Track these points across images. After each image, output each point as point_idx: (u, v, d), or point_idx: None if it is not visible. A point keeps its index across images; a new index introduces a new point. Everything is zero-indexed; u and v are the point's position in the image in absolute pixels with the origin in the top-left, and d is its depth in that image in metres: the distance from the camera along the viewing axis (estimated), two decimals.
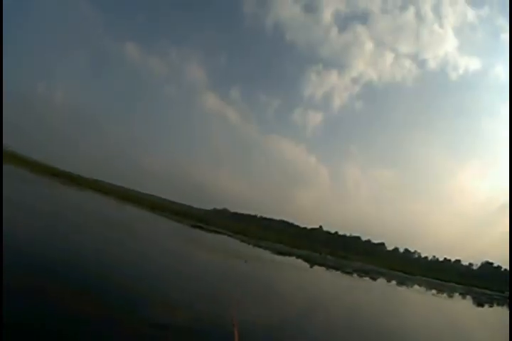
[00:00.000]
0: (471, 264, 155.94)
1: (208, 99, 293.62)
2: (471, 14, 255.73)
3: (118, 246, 20.40)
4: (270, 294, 19.17)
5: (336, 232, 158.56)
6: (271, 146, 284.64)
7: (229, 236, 56.51)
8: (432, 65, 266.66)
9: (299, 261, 50.07)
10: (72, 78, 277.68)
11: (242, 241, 55.67)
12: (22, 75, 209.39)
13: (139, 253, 19.73)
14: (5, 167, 34.31)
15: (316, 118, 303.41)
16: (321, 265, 51.16)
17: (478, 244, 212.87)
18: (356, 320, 18.32)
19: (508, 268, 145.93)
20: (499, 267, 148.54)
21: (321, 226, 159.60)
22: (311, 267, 45.85)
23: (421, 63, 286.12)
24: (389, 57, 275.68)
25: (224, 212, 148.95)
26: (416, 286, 56.65)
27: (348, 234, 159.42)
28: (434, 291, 53.29)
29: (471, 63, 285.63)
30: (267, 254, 45.28)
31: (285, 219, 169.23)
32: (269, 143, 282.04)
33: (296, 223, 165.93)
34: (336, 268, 51.67)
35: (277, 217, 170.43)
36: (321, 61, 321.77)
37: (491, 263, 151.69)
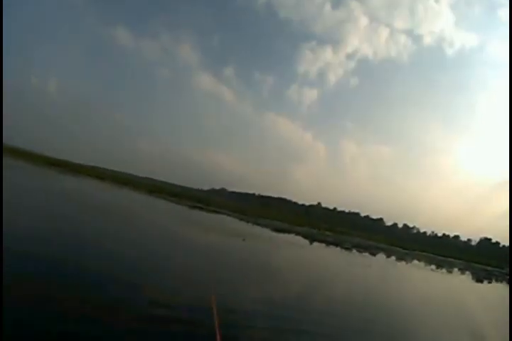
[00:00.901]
0: (469, 240, 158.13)
1: (202, 80, 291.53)
2: None
3: (116, 228, 20.29)
4: (269, 272, 18.99)
5: (335, 208, 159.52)
6: (267, 124, 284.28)
7: (228, 215, 56.43)
8: (428, 40, 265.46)
9: (298, 237, 50.06)
10: (65, 65, 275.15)
11: (241, 219, 55.61)
12: (14, 65, 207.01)
13: (137, 236, 19.59)
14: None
15: (311, 94, 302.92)
16: (320, 241, 51.20)
17: (476, 220, 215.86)
18: (357, 295, 18.42)
19: (507, 244, 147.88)
20: (497, 243, 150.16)
21: (319, 203, 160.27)
22: (311, 244, 45.89)
23: (416, 39, 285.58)
24: (384, 32, 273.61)
25: (222, 192, 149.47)
26: (415, 261, 56.93)
27: (346, 210, 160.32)
28: (433, 266, 53.64)
29: (467, 39, 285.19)
30: (266, 232, 45.26)
31: (283, 196, 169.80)
32: (264, 120, 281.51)
33: (294, 200, 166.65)
34: (336, 244, 51.79)
35: (275, 195, 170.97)
36: (315, 38, 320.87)
37: (490, 239, 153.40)
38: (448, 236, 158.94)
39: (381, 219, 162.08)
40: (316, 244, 47.13)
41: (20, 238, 11.79)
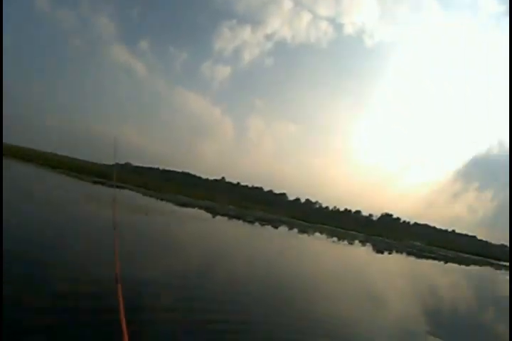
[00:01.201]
0: (371, 215, 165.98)
1: (116, 52, 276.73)
2: None
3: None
4: (170, 245, 19.33)
5: (238, 183, 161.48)
6: (177, 99, 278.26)
7: (131, 190, 55.59)
8: (349, 30, 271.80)
9: (202, 211, 50.76)
10: None
11: (145, 194, 55.12)
12: None
13: (33, 214, 18.84)
14: None
15: (224, 71, 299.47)
16: (223, 215, 52.25)
17: (378, 198, 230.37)
18: (259, 267, 19.08)
19: (407, 219, 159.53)
20: (398, 218, 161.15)
21: (223, 178, 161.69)
22: (214, 217, 46.82)
23: (337, 27, 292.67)
24: (306, 17, 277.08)
25: (127, 167, 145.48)
26: (317, 234, 59.47)
27: (250, 185, 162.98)
28: (335, 239, 56.22)
29: (388, 34, 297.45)
30: (169, 206, 45.45)
31: (187, 170, 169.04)
32: (175, 95, 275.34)
33: (198, 175, 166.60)
34: (238, 218, 52.94)
35: (179, 169, 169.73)
36: (236, 16, 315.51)
37: (391, 215, 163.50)
38: (350, 211, 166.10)
39: (284, 194, 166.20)
40: (218, 217, 48.13)
41: None
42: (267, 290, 13.68)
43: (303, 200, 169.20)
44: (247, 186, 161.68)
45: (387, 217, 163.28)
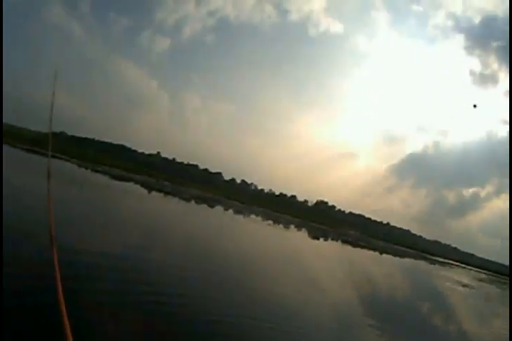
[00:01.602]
0: (306, 201, 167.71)
1: (53, 11, 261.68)
2: None
3: None
4: (103, 220, 18.71)
5: (174, 159, 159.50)
6: (113, 67, 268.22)
7: (66, 160, 54.11)
8: (294, 17, 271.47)
9: (137, 186, 50.62)
10: None
11: (80, 166, 54.16)
12: None
13: None
14: None
15: (163, 43, 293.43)
16: (158, 191, 52.35)
17: (313, 184, 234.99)
18: (195, 246, 18.95)
19: (342, 208, 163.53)
20: (333, 206, 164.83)
21: (158, 152, 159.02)
22: (149, 193, 46.80)
23: (283, 13, 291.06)
24: None
25: (62, 135, 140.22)
26: (253, 216, 59.55)
27: (185, 162, 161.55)
28: (270, 222, 56.32)
29: (333, 25, 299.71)
30: (105, 179, 45.08)
31: (123, 143, 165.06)
32: (111, 63, 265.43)
33: (134, 148, 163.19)
34: (174, 195, 52.92)
35: (115, 141, 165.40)
36: None
37: (326, 202, 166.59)
38: (285, 195, 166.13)
39: (219, 173, 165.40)
40: (154, 193, 48.18)
41: None
42: (207, 270, 13.79)
43: (238, 181, 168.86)
44: (182, 163, 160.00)
45: (322, 204, 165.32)
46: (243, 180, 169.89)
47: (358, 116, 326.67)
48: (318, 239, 53.26)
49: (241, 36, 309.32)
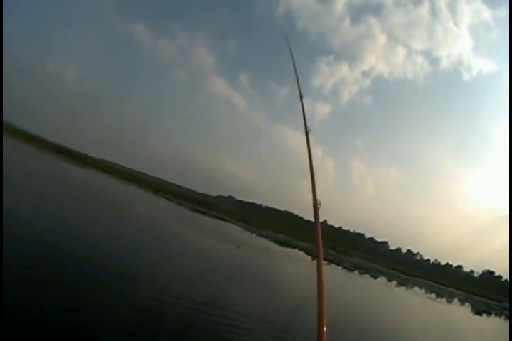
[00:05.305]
0: (472, 271, 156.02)
1: (216, 83, 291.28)
2: (487, 14, 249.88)
3: (113, 223, 19.95)
4: (262, 284, 18.56)
5: (340, 227, 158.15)
6: (277, 135, 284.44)
7: (232, 223, 55.92)
8: (445, 63, 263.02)
9: (301, 253, 49.51)
10: (82, 57, 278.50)
11: (245, 229, 55.10)
12: (32, 53, 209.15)
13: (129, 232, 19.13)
14: (13, 142, 34.06)
15: (324, 109, 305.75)
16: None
17: (481, 251, 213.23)
18: (354, 317, 17.84)
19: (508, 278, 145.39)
20: (500, 277, 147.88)
21: (325, 220, 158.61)
22: (313, 260, 45.20)
23: (433, 61, 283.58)
24: (401, 52, 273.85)
25: (229, 200, 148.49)
26: (416, 288, 56.23)
27: (351, 230, 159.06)
28: (433, 295, 52.78)
29: (485, 65, 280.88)
30: (267, 244, 44.73)
31: (289, 210, 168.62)
32: (275, 131, 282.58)
33: (300, 215, 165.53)
34: (337, 263, 50.77)
35: (282, 208, 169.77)
36: (332, 52, 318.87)
37: (492, 272, 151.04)
38: (451, 265, 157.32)
39: (385, 243, 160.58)
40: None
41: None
42: None
43: (404, 251, 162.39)
44: (348, 231, 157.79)
45: (488, 274, 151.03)
46: (409, 250, 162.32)
47: None
48: (480, 314, 47.03)
49: (397, 93, 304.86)
